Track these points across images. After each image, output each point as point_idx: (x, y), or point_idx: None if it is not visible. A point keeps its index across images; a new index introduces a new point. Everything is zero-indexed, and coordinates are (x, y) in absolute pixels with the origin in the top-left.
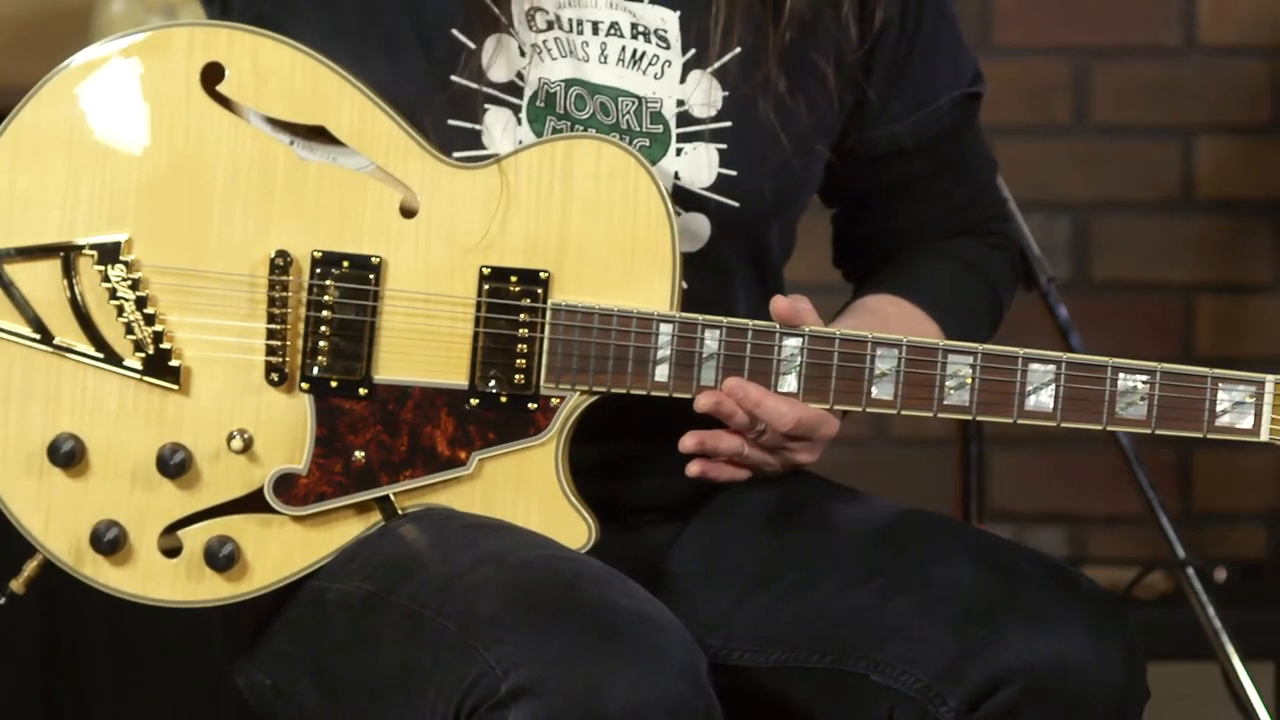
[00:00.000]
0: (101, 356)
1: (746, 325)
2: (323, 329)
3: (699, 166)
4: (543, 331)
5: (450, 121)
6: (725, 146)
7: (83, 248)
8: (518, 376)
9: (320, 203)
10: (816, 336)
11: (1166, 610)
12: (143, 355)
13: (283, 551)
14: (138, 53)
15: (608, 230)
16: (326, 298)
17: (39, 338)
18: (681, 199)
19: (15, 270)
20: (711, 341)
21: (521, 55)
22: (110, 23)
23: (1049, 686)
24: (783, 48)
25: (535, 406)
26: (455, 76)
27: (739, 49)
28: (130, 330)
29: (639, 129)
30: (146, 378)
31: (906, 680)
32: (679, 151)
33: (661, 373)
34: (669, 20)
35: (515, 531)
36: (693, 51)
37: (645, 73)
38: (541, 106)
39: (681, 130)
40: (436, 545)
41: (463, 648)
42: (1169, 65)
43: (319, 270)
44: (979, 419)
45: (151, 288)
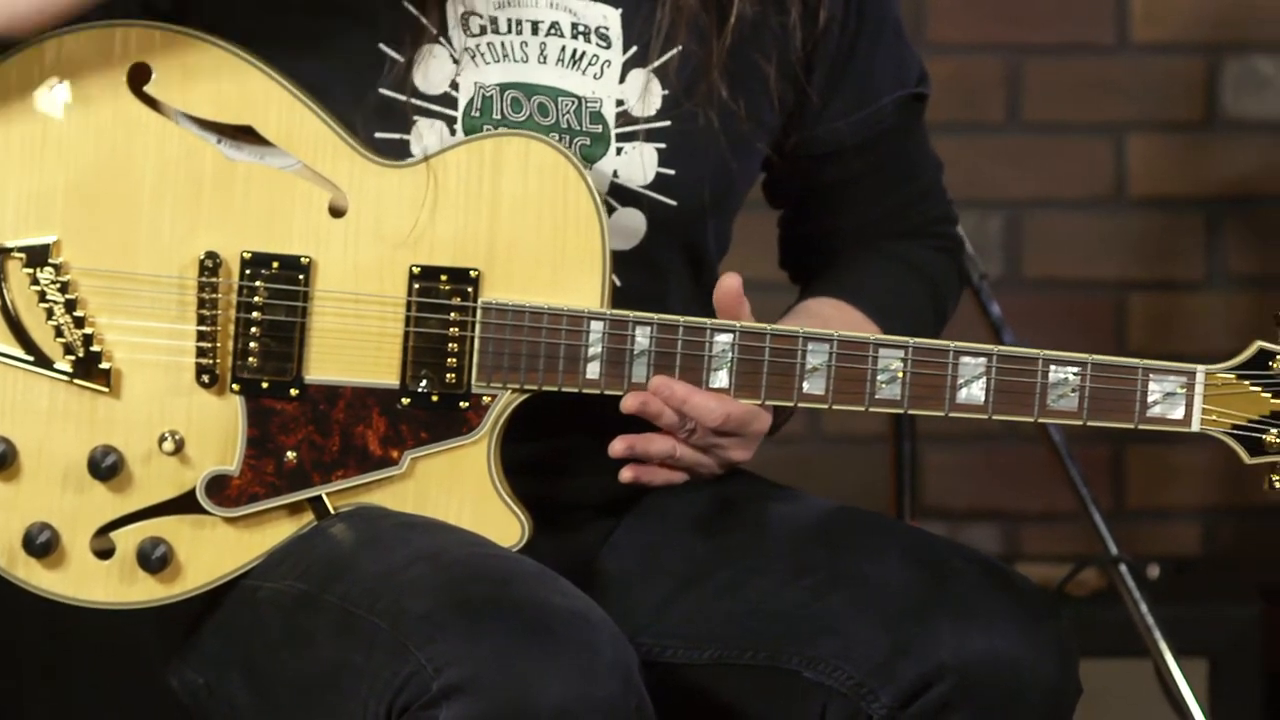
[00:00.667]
0: (31, 359)
1: (677, 322)
2: (253, 330)
3: (638, 165)
4: (473, 330)
5: (378, 134)
6: (664, 146)
7: (11, 250)
8: (449, 375)
9: (249, 203)
10: (748, 332)
11: (1099, 607)
12: (73, 358)
13: (216, 553)
14: (64, 53)
15: (537, 228)
16: (256, 299)
17: None
18: (619, 197)
19: None
20: (643, 338)
21: (454, 63)
22: None
23: (981, 683)
24: (725, 47)
25: (467, 405)
26: (383, 89)
27: (680, 47)
28: (60, 333)
29: (579, 128)
30: (77, 380)
31: (839, 677)
32: (619, 151)
33: (593, 370)
34: (611, 17)
35: (448, 530)
36: (634, 49)
37: (585, 73)
38: (477, 115)
39: (621, 130)
40: (369, 544)
41: (394, 646)
42: (1102, 63)
43: (248, 271)
44: (910, 413)
45: (81, 290)
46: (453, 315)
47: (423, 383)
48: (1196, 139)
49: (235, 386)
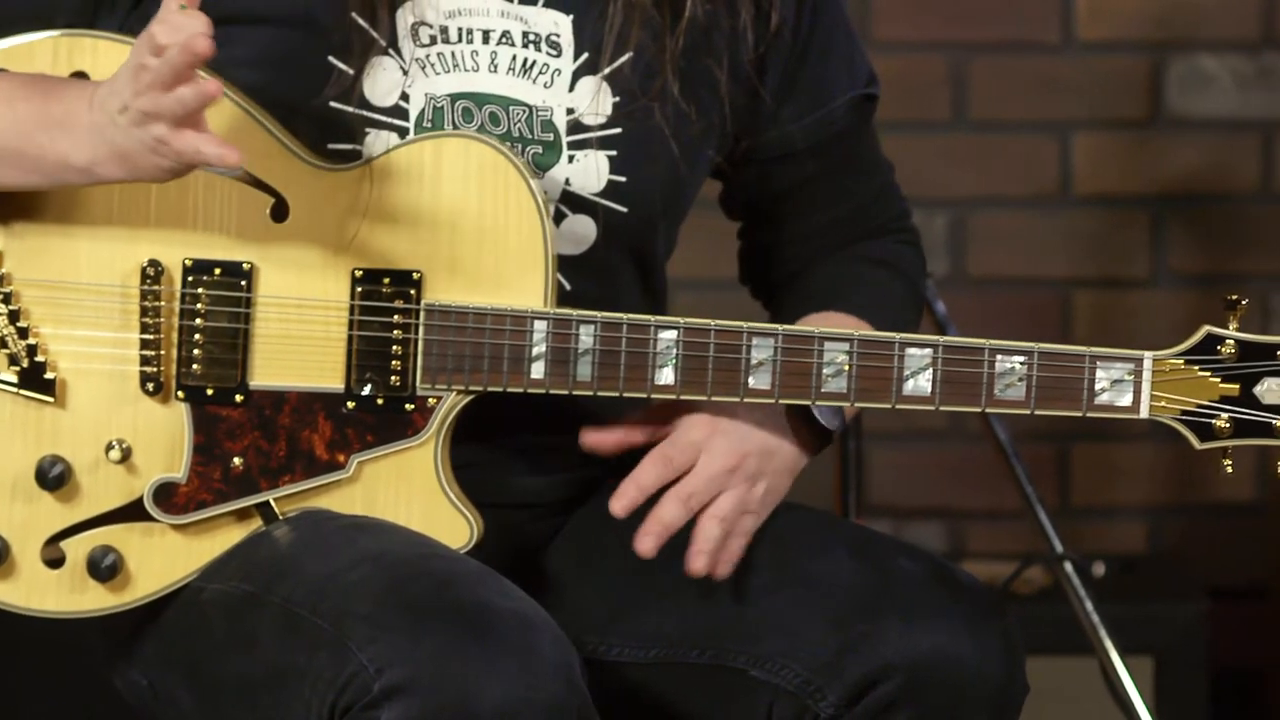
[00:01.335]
0: None
1: (621, 319)
2: (196, 337)
3: (589, 173)
4: (417, 333)
5: (331, 145)
6: (615, 153)
7: None
8: (393, 378)
9: (190, 210)
10: (692, 328)
11: (1045, 605)
12: (18, 369)
13: (165, 560)
14: (3, 63)
15: (479, 228)
16: (199, 306)
17: None
18: (571, 204)
19: None
20: (586, 337)
21: (404, 74)
22: None
23: (928, 681)
24: (678, 49)
25: (412, 407)
26: (333, 102)
27: (632, 53)
28: (4, 344)
29: (530, 137)
30: (22, 391)
31: (786, 675)
32: (570, 158)
33: (537, 370)
34: (562, 24)
35: (394, 531)
36: (585, 56)
37: (535, 81)
38: (429, 125)
39: (572, 138)
40: (313, 545)
41: (337, 647)
42: (1047, 61)
43: (190, 278)
44: (857, 405)
45: (24, 301)
46: (396, 318)
47: (367, 386)
48: (1141, 137)
49: (180, 394)
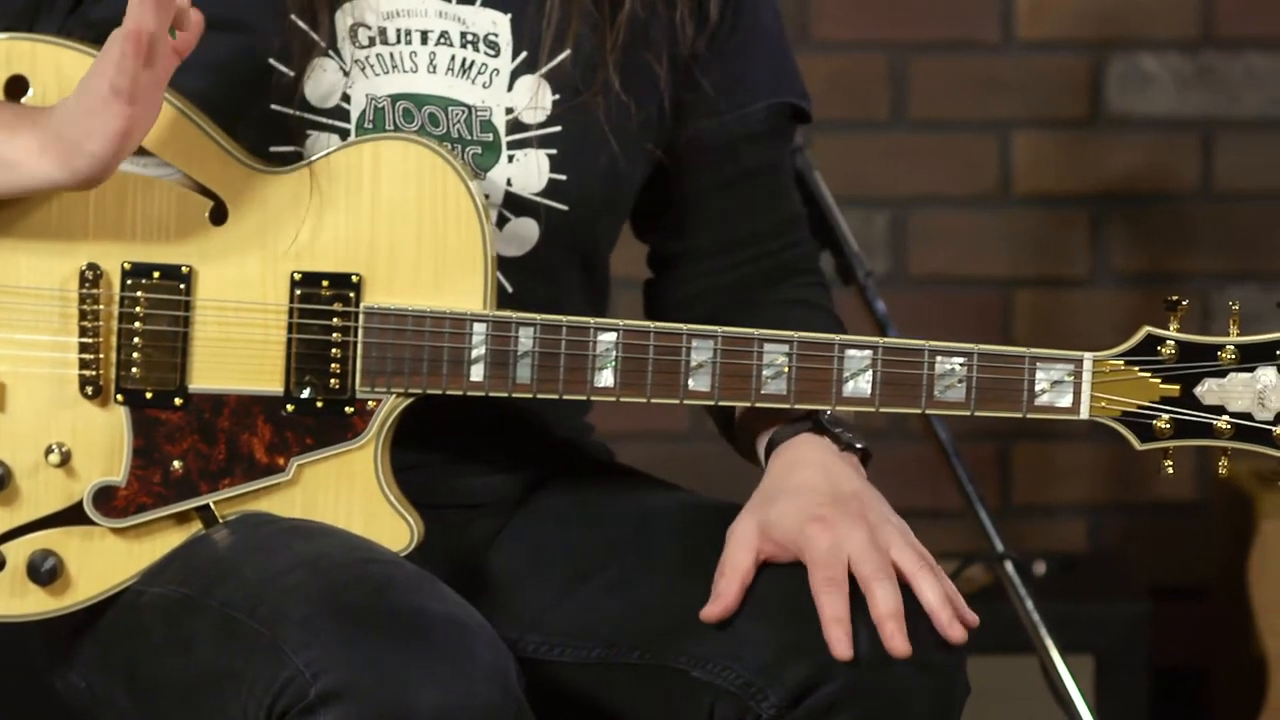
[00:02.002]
0: None
1: (560, 322)
2: (135, 340)
3: (530, 173)
4: (356, 335)
5: (272, 148)
6: (555, 152)
7: None
8: (333, 381)
9: (129, 213)
10: (632, 330)
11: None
12: None
13: (105, 564)
14: None
15: (418, 230)
16: (138, 309)
17: None
18: (513, 205)
19: None
20: (526, 339)
21: (344, 75)
22: None
23: (869, 682)
24: (618, 43)
25: (352, 410)
26: (274, 105)
27: (570, 51)
28: None
29: (470, 138)
30: None
31: (727, 676)
32: (510, 159)
33: (477, 372)
34: (500, 23)
35: (333, 535)
36: (524, 54)
37: (474, 81)
38: (370, 127)
39: (511, 137)
40: (252, 549)
41: (273, 651)
42: (987, 60)
43: (129, 282)
44: (796, 407)
45: None
46: (335, 321)
47: (307, 389)
48: (1081, 136)
49: (119, 397)
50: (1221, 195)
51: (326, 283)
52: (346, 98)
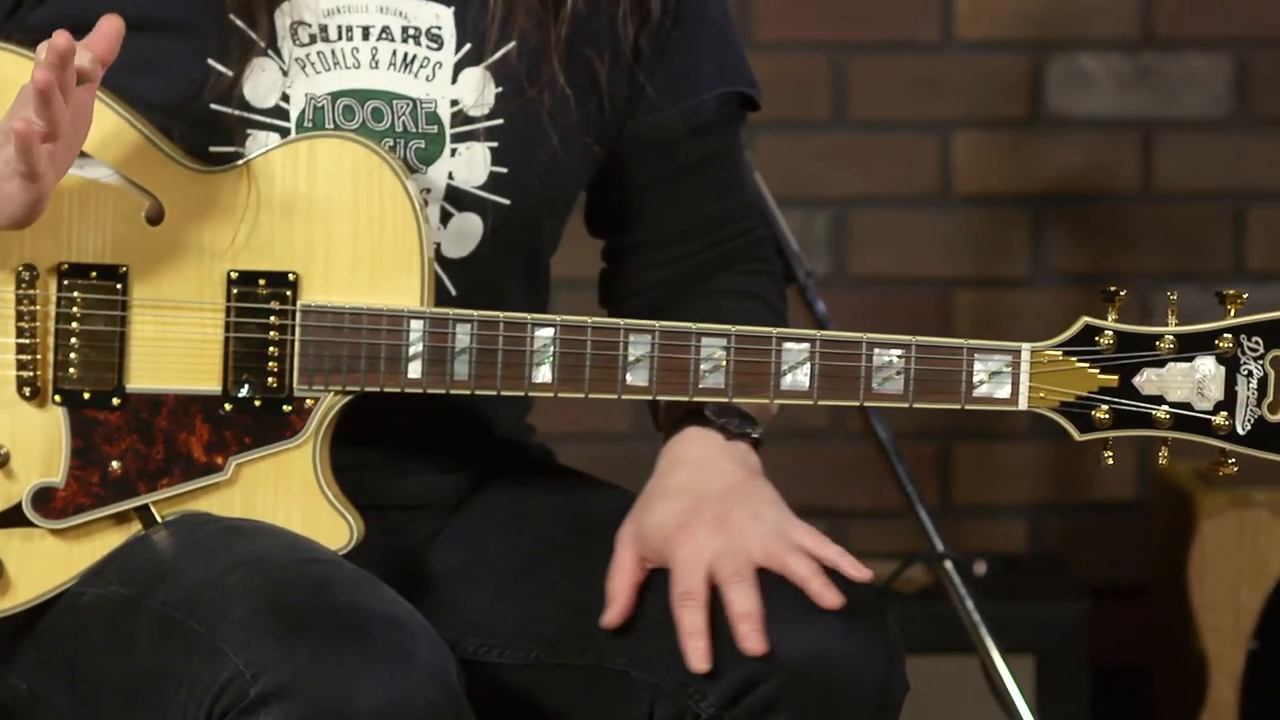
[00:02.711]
0: None
1: (497, 318)
2: (72, 341)
3: (473, 166)
4: (293, 334)
5: (212, 148)
6: (497, 144)
7: None
8: (270, 380)
9: (65, 213)
10: (569, 326)
11: (926, 604)
12: None
13: (45, 565)
14: None
15: (354, 228)
16: (74, 309)
17: None
18: (455, 200)
19: None
20: (463, 336)
21: (284, 75)
22: None
23: (808, 681)
24: (562, 36)
25: (290, 409)
26: (214, 105)
27: (514, 43)
28: None
29: (414, 130)
30: None
31: (666, 676)
32: (454, 152)
33: (415, 369)
34: (443, 16)
35: (272, 534)
36: (467, 47)
37: (417, 75)
38: (310, 125)
39: (455, 130)
40: (191, 549)
41: (213, 651)
42: (927, 60)
43: (65, 282)
44: (735, 400)
45: None
46: (272, 319)
47: (244, 388)
48: (1022, 136)
49: (57, 398)
50: (1162, 195)
51: (263, 281)
52: (286, 97)
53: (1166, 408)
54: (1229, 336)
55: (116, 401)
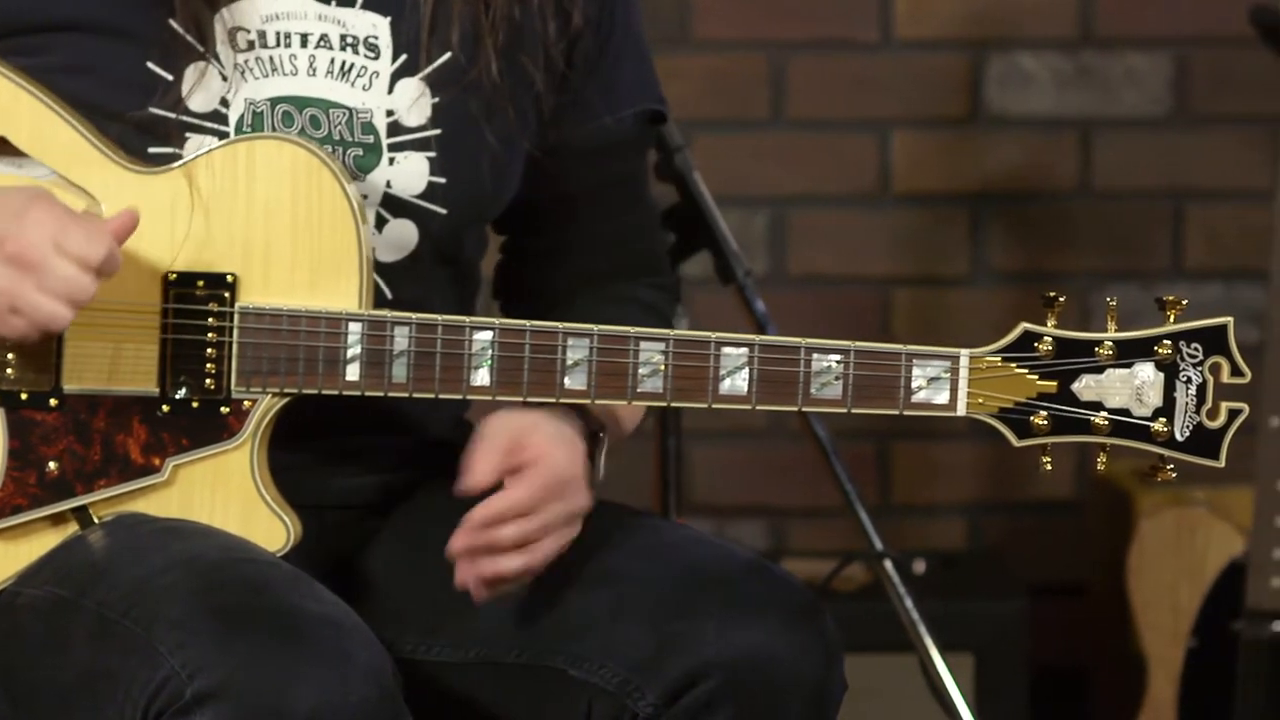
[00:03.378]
0: None
1: (436, 320)
2: (9, 342)
3: (410, 175)
4: (231, 335)
5: (151, 150)
6: (435, 154)
7: None
8: (208, 381)
9: None
10: (508, 329)
11: (865, 602)
12: None
13: None
14: None
15: (293, 229)
16: None
17: None
18: (392, 208)
19: None
20: (401, 339)
21: (224, 80)
22: None
23: (746, 680)
24: (495, 52)
25: (228, 410)
26: (154, 109)
27: (449, 54)
28: None
29: (351, 140)
30: None
31: (604, 675)
32: (391, 161)
33: (353, 372)
34: (380, 26)
35: (209, 535)
36: (404, 58)
37: (354, 84)
38: (249, 131)
39: (392, 140)
40: (127, 549)
41: (148, 652)
42: (866, 60)
43: None
44: (673, 405)
45: None
46: (210, 321)
47: (182, 389)
48: (961, 135)
49: None
50: (1100, 194)
51: (201, 283)
52: (225, 102)
53: (1105, 414)
54: (1168, 343)
55: (54, 402)
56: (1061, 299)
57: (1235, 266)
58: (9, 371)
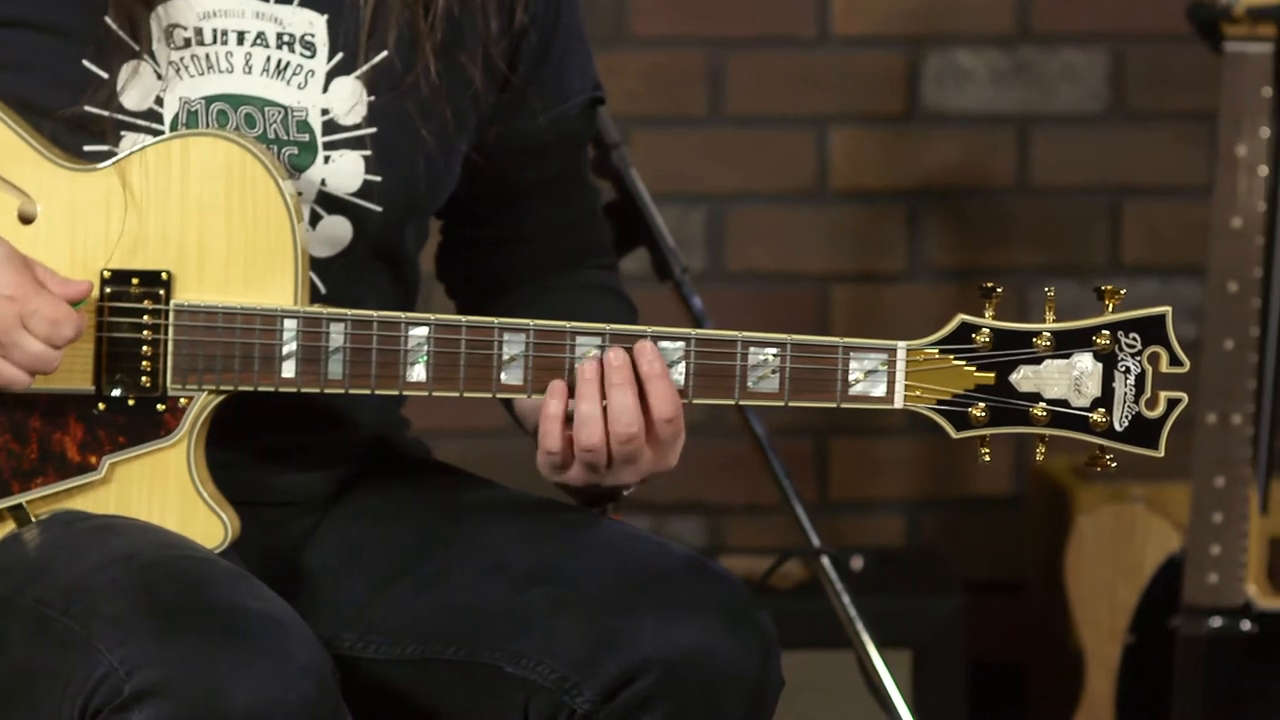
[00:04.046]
0: None
1: (371, 316)
2: None
3: (345, 173)
4: (167, 333)
5: (86, 147)
6: (370, 153)
7: None
8: (144, 379)
9: None
10: (443, 324)
11: (803, 599)
12: None
13: None
14: None
15: (228, 227)
16: None
17: None
18: (327, 205)
19: None
20: (337, 335)
21: (159, 78)
22: None
23: (683, 676)
24: (433, 50)
25: (164, 408)
26: (88, 107)
27: (386, 53)
28: None
29: (286, 138)
30: None
31: (542, 671)
32: (326, 159)
33: (288, 369)
34: (317, 24)
35: (147, 531)
36: (340, 56)
37: (290, 82)
38: (184, 128)
39: (328, 138)
40: (65, 547)
41: (86, 649)
42: (803, 56)
43: None
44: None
45: None
46: (145, 318)
47: (118, 388)
48: (898, 132)
49: None
50: (1038, 190)
51: (136, 280)
52: (160, 100)
53: (1043, 405)
54: (1106, 333)
55: None
56: (999, 290)
57: (1172, 262)
58: None
